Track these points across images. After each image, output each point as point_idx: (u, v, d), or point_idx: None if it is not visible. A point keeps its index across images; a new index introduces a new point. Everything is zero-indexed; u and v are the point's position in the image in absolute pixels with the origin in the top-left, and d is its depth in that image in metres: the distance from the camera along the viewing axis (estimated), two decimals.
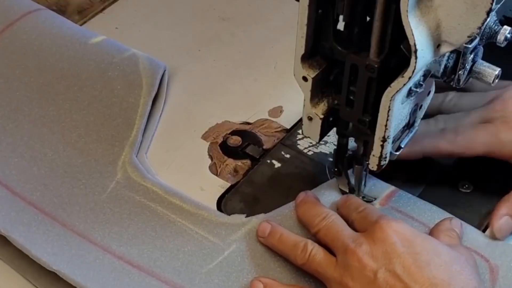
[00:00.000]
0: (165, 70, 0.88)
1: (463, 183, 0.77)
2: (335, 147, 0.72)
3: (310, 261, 0.66)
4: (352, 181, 0.73)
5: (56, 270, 0.70)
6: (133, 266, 0.71)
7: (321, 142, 0.80)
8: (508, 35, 0.62)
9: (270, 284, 0.68)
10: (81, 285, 0.69)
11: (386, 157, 0.67)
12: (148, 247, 0.73)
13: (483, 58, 0.65)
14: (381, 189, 0.74)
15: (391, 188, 0.74)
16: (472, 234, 0.70)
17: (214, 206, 0.77)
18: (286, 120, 0.85)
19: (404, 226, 0.64)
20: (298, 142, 0.82)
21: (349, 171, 0.73)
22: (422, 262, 0.61)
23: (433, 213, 0.72)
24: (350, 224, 0.68)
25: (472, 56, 0.64)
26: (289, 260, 0.69)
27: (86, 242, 0.73)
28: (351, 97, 0.65)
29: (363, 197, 0.73)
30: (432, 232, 0.68)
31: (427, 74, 0.64)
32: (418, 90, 0.64)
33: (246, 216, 0.75)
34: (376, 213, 0.68)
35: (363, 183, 0.73)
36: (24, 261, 0.72)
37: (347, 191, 0.73)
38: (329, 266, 0.65)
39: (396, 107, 0.63)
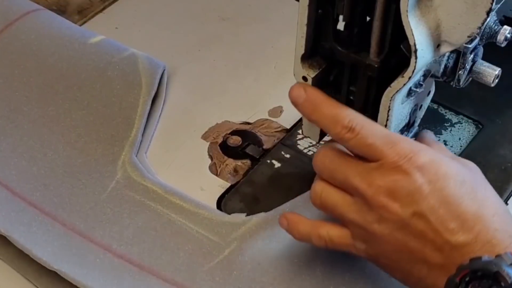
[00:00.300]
0: (164, 70, 0.88)
1: None
2: None
3: (323, 204, 0.63)
4: None
5: (57, 270, 0.69)
6: (134, 265, 0.71)
7: (321, 142, 0.79)
8: (508, 35, 0.62)
9: (292, 219, 0.66)
10: (82, 284, 0.68)
11: None
12: (148, 246, 0.73)
13: (483, 58, 0.65)
14: None
15: None
16: None
17: (214, 206, 0.77)
18: (286, 120, 0.85)
19: (432, 156, 0.60)
20: (298, 142, 0.82)
21: None
22: (449, 198, 0.58)
23: None
24: None
25: (472, 56, 0.64)
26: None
27: (87, 242, 0.73)
28: (351, 97, 0.65)
29: None
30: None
31: (427, 74, 0.64)
32: (418, 90, 0.64)
33: (246, 215, 0.75)
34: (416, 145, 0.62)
35: None
36: (24, 261, 0.72)
37: None
38: (345, 208, 0.61)
39: (396, 107, 0.63)
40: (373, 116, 0.64)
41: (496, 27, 0.62)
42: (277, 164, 0.80)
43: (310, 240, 0.65)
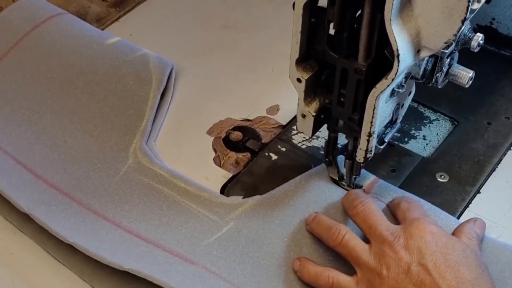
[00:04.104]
0: (172, 68, 0.88)
1: (440, 174, 0.77)
2: (326, 141, 0.72)
3: (343, 244, 0.65)
4: (342, 170, 0.73)
5: (73, 243, 0.70)
6: (141, 239, 0.71)
7: (313, 137, 0.79)
8: (481, 41, 0.62)
9: (305, 260, 0.67)
10: (95, 254, 0.69)
11: (371, 151, 0.67)
12: (155, 223, 0.73)
13: (458, 62, 0.65)
14: (364, 178, 0.74)
15: (372, 177, 0.74)
16: (447, 219, 0.70)
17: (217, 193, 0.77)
18: (282, 117, 0.85)
19: (439, 229, 0.63)
20: (293, 137, 0.82)
21: (338, 162, 0.72)
22: (451, 262, 0.60)
23: None
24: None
25: (448, 60, 0.64)
26: (323, 242, 0.68)
27: (100, 219, 0.73)
28: (342, 99, 0.65)
29: (355, 186, 0.73)
30: (455, 232, 0.67)
31: (408, 76, 0.64)
32: (400, 90, 0.64)
33: (243, 198, 0.75)
34: (420, 211, 0.67)
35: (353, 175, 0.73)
36: (44, 235, 0.72)
37: (337, 179, 0.73)
38: (363, 252, 0.64)
39: (380, 105, 0.63)
40: (362, 114, 0.64)
41: (470, 34, 0.62)
42: (274, 157, 0.80)
43: (318, 279, 0.66)
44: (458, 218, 0.73)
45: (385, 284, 0.61)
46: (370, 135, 0.65)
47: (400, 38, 0.57)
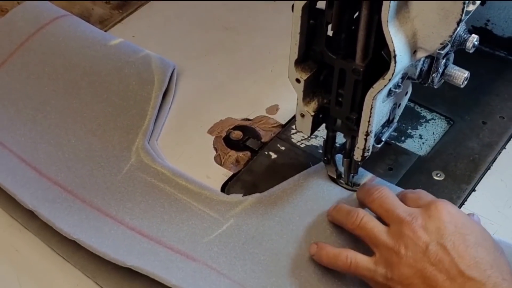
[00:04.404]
0: (174, 69, 0.88)
1: (436, 172, 0.77)
2: (324, 140, 0.72)
3: (361, 226, 0.65)
4: (340, 168, 0.73)
5: (76, 239, 0.70)
6: (144, 236, 0.72)
7: (312, 136, 0.80)
8: (476, 43, 0.62)
9: (321, 244, 0.67)
10: (98, 251, 0.69)
11: (369, 149, 0.67)
12: (157, 220, 0.73)
13: (454, 63, 0.65)
14: (361, 177, 0.74)
15: (369, 175, 0.74)
16: None
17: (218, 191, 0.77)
18: (282, 117, 0.85)
19: (457, 210, 0.63)
20: (292, 136, 0.82)
21: (337, 160, 0.73)
22: (470, 242, 0.60)
23: None
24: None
25: (444, 60, 0.64)
26: (342, 227, 0.68)
27: (103, 216, 0.74)
28: (340, 99, 0.65)
29: (353, 184, 0.73)
30: None
31: (404, 77, 0.64)
32: (397, 90, 0.64)
33: (243, 196, 0.75)
34: (430, 195, 0.66)
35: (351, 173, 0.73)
36: (48, 232, 0.73)
37: (335, 177, 0.74)
38: (381, 233, 0.63)
39: (377, 105, 0.63)
40: (360, 114, 0.64)
41: (465, 35, 0.62)
42: (273, 155, 0.80)
43: (337, 260, 0.65)
44: None
45: (403, 263, 0.61)
46: (367, 134, 0.65)
47: (396, 39, 0.58)
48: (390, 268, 0.62)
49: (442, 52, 0.62)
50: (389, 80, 0.60)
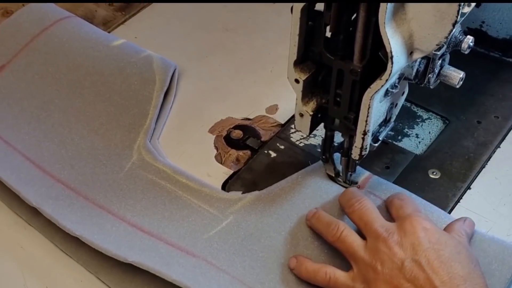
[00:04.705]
0: (175, 69, 0.88)
1: (432, 170, 0.77)
2: (323, 139, 0.72)
3: (341, 240, 0.65)
4: (338, 167, 0.73)
5: (79, 236, 0.70)
6: (145, 233, 0.72)
7: (311, 135, 0.80)
8: (471, 44, 0.63)
9: (301, 259, 0.68)
10: (100, 247, 0.69)
11: (366, 148, 0.67)
12: (158, 217, 0.73)
13: (449, 63, 0.66)
14: (359, 175, 0.74)
15: (366, 173, 0.74)
16: (438, 215, 0.70)
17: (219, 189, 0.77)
18: (281, 117, 0.86)
19: (432, 225, 0.64)
20: (291, 135, 0.82)
21: (335, 159, 0.73)
22: (444, 257, 0.60)
23: None
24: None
25: (440, 61, 0.64)
26: (322, 237, 0.68)
27: (105, 213, 0.74)
28: (338, 99, 0.65)
29: (350, 182, 0.74)
30: (445, 230, 0.66)
31: (401, 77, 0.65)
32: (393, 90, 0.64)
33: (242, 193, 0.75)
34: (412, 206, 0.67)
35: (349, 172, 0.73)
36: (52, 229, 0.73)
37: (333, 175, 0.74)
38: (359, 248, 0.64)
39: (375, 105, 0.63)
40: (357, 113, 0.64)
41: (460, 36, 0.63)
42: (273, 154, 0.81)
43: (316, 276, 0.66)
44: (450, 213, 0.73)
45: (379, 279, 0.61)
46: (365, 133, 0.65)
47: (393, 40, 0.58)
48: (367, 284, 0.62)
49: (438, 53, 0.62)
50: (386, 80, 0.60)
